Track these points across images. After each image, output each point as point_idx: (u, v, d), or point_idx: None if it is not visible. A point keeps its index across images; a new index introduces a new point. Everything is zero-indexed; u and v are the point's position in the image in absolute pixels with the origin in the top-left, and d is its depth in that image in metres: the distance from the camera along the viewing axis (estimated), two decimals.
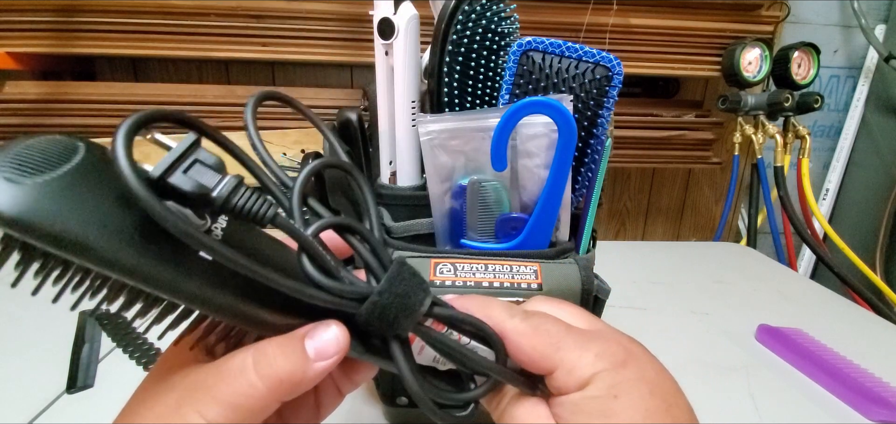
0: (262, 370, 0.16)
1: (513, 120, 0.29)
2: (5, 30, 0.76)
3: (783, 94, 0.88)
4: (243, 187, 0.16)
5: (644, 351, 0.19)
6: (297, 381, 0.16)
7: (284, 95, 0.22)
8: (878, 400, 0.40)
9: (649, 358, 0.18)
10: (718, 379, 0.44)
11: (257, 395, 0.16)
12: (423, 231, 0.34)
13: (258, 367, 0.16)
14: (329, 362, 0.17)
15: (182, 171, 0.15)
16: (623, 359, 0.18)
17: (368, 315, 0.17)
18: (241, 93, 0.86)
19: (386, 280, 0.17)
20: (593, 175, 0.34)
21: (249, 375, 0.16)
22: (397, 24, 0.31)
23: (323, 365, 0.16)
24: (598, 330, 0.19)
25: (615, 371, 0.17)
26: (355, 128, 0.35)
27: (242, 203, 0.16)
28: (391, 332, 0.18)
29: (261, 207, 0.16)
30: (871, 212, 1.07)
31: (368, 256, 0.19)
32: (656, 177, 1.11)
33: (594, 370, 0.17)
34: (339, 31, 0.81)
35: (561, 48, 0.32)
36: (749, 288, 0.65)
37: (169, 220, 0.13)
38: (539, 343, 0.18)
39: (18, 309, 0.51)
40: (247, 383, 0.16)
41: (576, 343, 0.18)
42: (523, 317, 0.19)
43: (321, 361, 0.16)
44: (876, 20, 1.04)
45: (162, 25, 0.78)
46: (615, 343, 0.18)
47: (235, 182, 0.16)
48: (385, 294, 0.17)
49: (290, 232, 0.17)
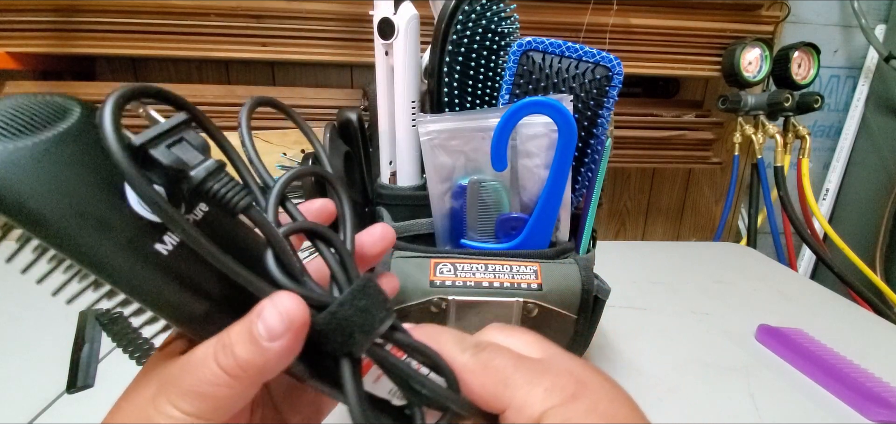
0: (222, 359, 0.15)
1: (513, 120, 0.29)
2: (5, 30, 0.75)
3: (783, 94, 0.88)
4: (223, 173, 0.16)
5: (597, 378, 0.18)
6: (259, 367, 0.15)
7: (277, 102, 0.21)
8: (878, 400, 0.40)
9: (602, 385, 0.18)
10: (718, 379, 0.44)
11: (222, 384, 0.15)
12: (423, 231, 0.34)
13: (218, 356, 0.15)
14: (284, 341, 0.15)
15: (166, 146, 0.15)
16: (573, 392, 0.17)
17: (325, 325, 0.16)
18: (241, 93, 0.86)
19: (349, 292, 0.17)
20: (593, 175, 0.34)
21: (211, 365, 0.15)
22: (397, 24, 0.31)
23: (279, 345, 0.15)
24: (549, 360, 0.18)
25: (566, 407, 0.16)
26: (355, 128, 0.35)
27: (218, 187, 0.15)
28: (344, 350, 0.16)
29: (236, 195, 0.16)
30: (871, 212, 1.07)
31: (336, 266, 0.18)
32: (656, 177, 1.11)
33: (544, 407, 0.16)
34: (339, 31, 0.81)
35: (561, 48, 0.32)
36: (749, 288, 0.65)
37: (139, 185, 0.13)
38: (488, 381, 0.17)
39: (18, 309, 0.51)
40: (210, 373, 0.15)
41: (525, 378, 0.17)
42: (473, 352, 0.18)
43: (275, 341, 0.15)
44: (876, 20, 1.04)
45: (162, 25, 0.78)
46: (566, 374, 0.17)
47: (216, 165, 0.16)
48: (346, 305, 0.16)
49: (260, 226, 0.16)
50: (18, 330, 0.48)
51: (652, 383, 0.43)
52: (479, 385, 0.17)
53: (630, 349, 0.48)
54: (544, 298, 0.30)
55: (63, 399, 0.39)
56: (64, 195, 0.13)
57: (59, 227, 0.13)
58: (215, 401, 0.15)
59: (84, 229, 0.13)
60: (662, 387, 0.43)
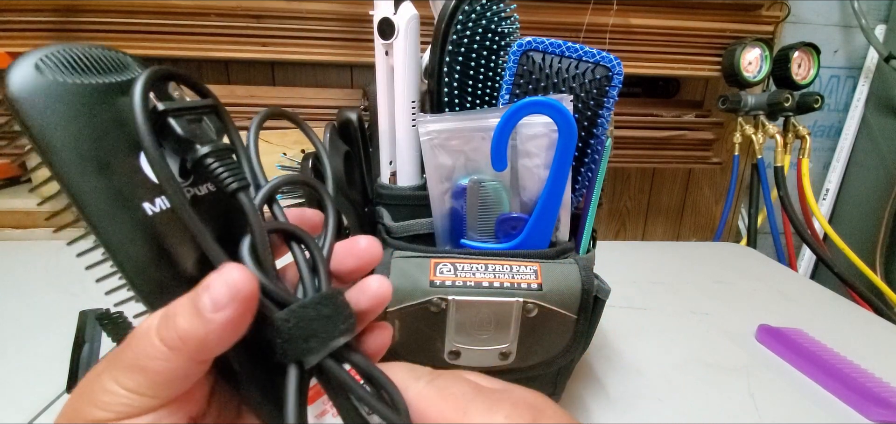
0: (162, 331, 0.15)
1: (513, 120, 0.29)
2: (5, 30, 0.76)
3: (783, 94, 0.88)
4: (227, 155, 0.17)
5: (552, 407, 0.18)
6: (200, 340, 0.14)
7: (289, 114, 0.21)
8: (878, 400, 0.40)
9: (556, 413, 0.18)
10: (718, 379, 0.44)
11: (160, 358, 0.14)
12: (423, 231, 0.34)
13: (159, 328, 0.15)
14: (227, 313, 0.14)
15: (186, 120, 0.16)
16: (533, 418, 0.17)
17: (282, 323, 0.16)
18: (241, 93, 0.86)
19: (317, 296, 0.16)
20: (593, 175, 0.34)
21: (151, 337, 0.15)
22: (397, 24, 0.31)
23: (222, 317, 0.14)
24: (505, 390, 0.18)
25: None
26: (355, 128, 0.35)
27: (217, 165, 0.16)
28: (295, 356, 0.16)
29: (231, 176, 0.16)
30: (871, 212, 1.07)
31: (305, 270, 0.17)
32: (656, 177, 1.11)
33: None
34: (339, 31, 0.81)
35: (561, 48, 0.32)
36: (749, 288, 0.65)
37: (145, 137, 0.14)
38: (447, 408, 0.17)
39: (19, 309, 0.51)
40: (150, 346, 0.15)
41: (484, 406, 0.17)
42: (429, 379, 0.18)
43: (219, 312, 0.14)
44: (876, 20, 1.04)
45: (162, 25, 0.78)
46: (523, 403, 0.17)
47: (222, 146, 0.17)
48: (309, 308, 0.16)
49: (247, 213, 0.17)
50: (18, 330, 0.48)
51: (652, 383, 0.43)
52: (436, 412, 0.17)
53: (630, 349, 0.48)
54: (544, 298, 0.30)
55: (63, 399, 0.39)
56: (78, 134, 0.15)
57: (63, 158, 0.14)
58: (155, 376, 0.15)
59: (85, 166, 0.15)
60: (662, 387, 0.43)
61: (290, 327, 0.16)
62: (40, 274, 0.56)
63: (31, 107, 0.14)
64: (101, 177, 0.15)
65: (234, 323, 0.14)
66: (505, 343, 0.31)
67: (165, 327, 0.15)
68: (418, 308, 0.29)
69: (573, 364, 0.36)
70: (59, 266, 0.58)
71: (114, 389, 0.15)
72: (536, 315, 0.30)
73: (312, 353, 0.16)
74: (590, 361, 0.45)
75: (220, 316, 0.14)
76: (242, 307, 0.14)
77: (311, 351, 0.16)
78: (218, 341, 0.14)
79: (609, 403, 0.40)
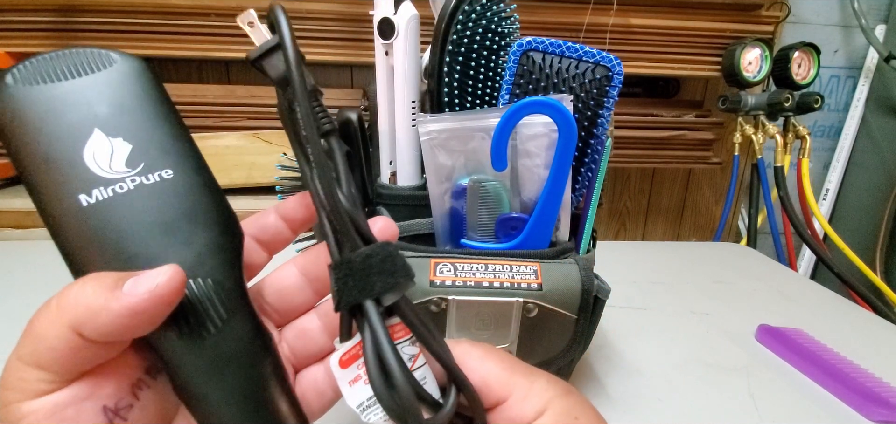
0: (63, 298, 0.15)
1: (513, 120, 0.29)
2: (5, 30, 0.76)
3: (783, 94, 0.88)
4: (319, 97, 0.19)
5: (574, 388, 0.19)
6: (97, 310, 0.14)
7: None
8: (878, 400, 0.40)
9: (580, 393, 0.19)
10: (718, 379, 0.44)
11: (54, 322, 0.14)
12: (423, 231, 0.34)
13: (61, 296, 0.15)
14: (139, 297, 0.14)
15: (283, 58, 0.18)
16: (567, 389, 0.18)
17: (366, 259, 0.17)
18: (241, 93, 0.86)
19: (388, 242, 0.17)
20: (593, 175, 0.34)
21: (51, 303, 0.15)
22: (397, 24, 0.31)
23: (130, 301, 0.14)
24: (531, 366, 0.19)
25: (564, 399, 0.17)
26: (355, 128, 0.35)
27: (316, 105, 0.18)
28: (373, 294, 0.16)
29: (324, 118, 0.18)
30: (871, 212, 1.07)
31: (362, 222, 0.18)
32: (656, 177, 1.11)
33: (548, 395, 0.17)
34: (339, 31, 0.81)
35: (561, 48, 0.32)
36: (749, 288, 0.65)
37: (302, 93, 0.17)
38: (495, 364, 0.18)
39: (19, 309, 0.50)
40: (47, 309, 0.15)
41: (524, 371, 0.18)
42: (470, 342, 0.19)
43: (130, 295, 0.14)
44: (876, 20, 1.04)
45: (162, 25, 0.78)
46: (553, 377, 0.18)
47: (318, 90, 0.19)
48: (390, 247, 0.17)
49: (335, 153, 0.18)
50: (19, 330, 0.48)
51: (652, 383, 0.43)
52: (486, 368, 0.17)
53: (630, 349, 0.48)
54: (544, 298, 0.30)
55: None
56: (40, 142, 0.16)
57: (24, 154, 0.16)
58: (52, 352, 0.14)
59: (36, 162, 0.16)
60: (662, 387, 0.43)
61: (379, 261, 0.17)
62: (40, 274, 0.56)
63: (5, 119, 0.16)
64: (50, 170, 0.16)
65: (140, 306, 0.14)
66: (505, 343, 0.31)
67: (67, 294, 0.15)
68: (418, 308, 0.29)
69: (573, 365, 0.36)
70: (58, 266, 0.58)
71: (17, 369, 0.15)
72: (536, 315, 0.30)
73: (392, 288, 0.16)
74: (590, 361, 0.45)
75: (128, 299, 0.14)
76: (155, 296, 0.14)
77: (391, 286, 0.16)
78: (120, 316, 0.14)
79: (609, 403, 0.40)
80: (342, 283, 0.17)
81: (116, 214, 0.16)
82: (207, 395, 0.16)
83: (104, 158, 0.17)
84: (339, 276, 0.17)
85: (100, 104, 0.17)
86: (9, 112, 0.16)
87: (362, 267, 0.16)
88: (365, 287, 0.16)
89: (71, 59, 0.17)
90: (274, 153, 0.76)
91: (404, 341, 0.17)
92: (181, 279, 0.15)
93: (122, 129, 0.17)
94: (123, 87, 0.17)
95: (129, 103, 0.17)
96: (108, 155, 0.17)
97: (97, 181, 0.16)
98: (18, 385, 0.15)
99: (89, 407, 0.15)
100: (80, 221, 0.16)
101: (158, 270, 0.15)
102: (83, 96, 0.17)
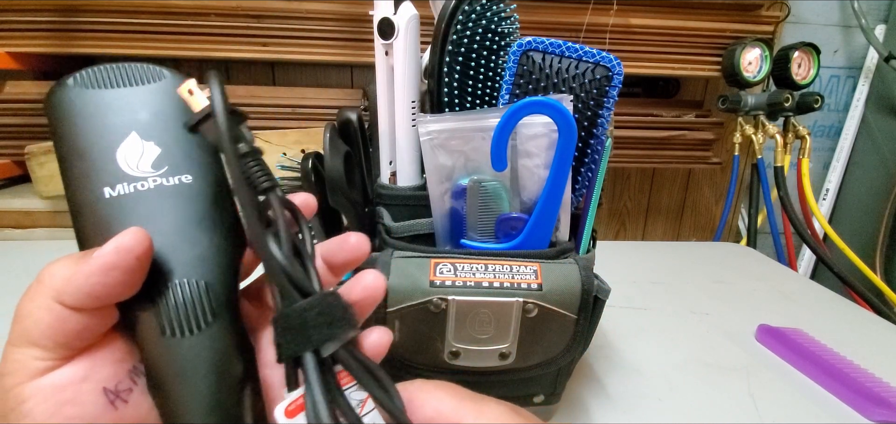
0: (41, 275, 0.15)
1: (513, 120, 0.29)
2: (5, 30, 0.76)
3: (783, 94, 0.88)
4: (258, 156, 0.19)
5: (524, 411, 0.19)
6: (71, 276, 0.15)
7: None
8: (878, 400, 0.40)
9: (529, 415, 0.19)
10: (718, 379, 0.44)
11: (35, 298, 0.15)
12: (423, 231, 0.34)
13: (39, 276, 0.15)
14: (106, 254, 0.15)
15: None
16: (514, 409, 0.18)
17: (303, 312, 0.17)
18: (241, 93, 0.86)
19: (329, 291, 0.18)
20: (593, 175, 0.34)
21: (31, 285, 0.15)
22: (397, 24, 0.31)
23: (100, 260, 0.15)
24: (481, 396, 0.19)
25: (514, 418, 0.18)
26: (355, 128, 0.35)
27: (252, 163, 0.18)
28: (311, 346, 0.17)
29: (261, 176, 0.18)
30: (871, 212, 1.07)
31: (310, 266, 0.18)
32: (656, 177, 1.11)
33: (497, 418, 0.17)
34: (339, 31, 0.81)
35: (561, 48, 0.32)
36: (749, 288, 0.65)
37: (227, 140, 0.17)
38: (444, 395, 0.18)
39: None
40: (28, 291, 0.15)
41: (474, 397, 0.18)
42: (423, 380, 0.19)
43: (99, 256, 0.15)
44: (876, 20, 1.05)
45: (162, 25, 0.78)
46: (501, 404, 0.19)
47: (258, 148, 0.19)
48: (330, 297, 0.17)
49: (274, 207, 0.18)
50: None
51: (652, 383, 0.43)
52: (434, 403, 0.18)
53: (630, 349, 0.48)
54: (544, 298, 0.30)
55: None
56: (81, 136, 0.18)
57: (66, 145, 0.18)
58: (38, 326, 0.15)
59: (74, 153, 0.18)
60: (662, 387, 0.43)
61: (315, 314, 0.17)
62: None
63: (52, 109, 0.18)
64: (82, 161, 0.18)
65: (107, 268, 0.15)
66: (505, 343, 0.31)
67: (48, 269, 0.15)
68: (418, 308, 0.29)
69: (573, 365, 0.36)
70: None
71: (11, 353, 0.15)
72: (536, 315, 0.30)
73: (333, 337, 0.17)
74: (590, 361, 0.45)
75: (97, 261, 0.15)
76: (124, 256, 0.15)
77: (332, 335, 0.17)
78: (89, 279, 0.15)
79: (609, 403, 0.40)
80: (281, 337, 0.17)
81: (133, 208, 0.17)
82: (177, 396, 0.17)
83: (134, 158, 0.18)
84: (277, 330, 0.17)
85: (142, 111, 0.19)
86: (64, 108, 0.18)
87: (300, 321, 0.17)
88: (303, 340, 0.17)
89: (126, 70, 0.20)
90: (274, 153, 0.76)
91: (352, 386, 0.17)
92: (145, 237, 0.16)
93: (155, 134, 0.19)
94: (166, 98, 0.19)
95: (168, 113, 0.19)
96: (138, 155, 0.18)
97: (123, 177, 0.18)
98: (15, 368, 0.15)
99: (88, 388, 0.16)
100: (100, 210, 0.17)
101: (124, 231, 0.16)
102: (128, 103, 0.19)
